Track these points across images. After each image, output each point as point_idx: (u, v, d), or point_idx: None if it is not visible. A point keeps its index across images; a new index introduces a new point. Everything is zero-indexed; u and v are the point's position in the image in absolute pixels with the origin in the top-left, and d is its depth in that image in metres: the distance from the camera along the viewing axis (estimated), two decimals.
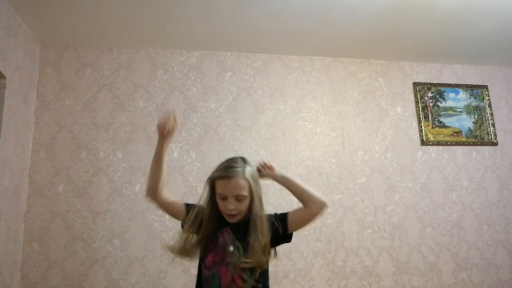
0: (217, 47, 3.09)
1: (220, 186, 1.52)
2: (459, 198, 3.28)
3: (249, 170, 1.56)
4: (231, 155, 2.88)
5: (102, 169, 2.81)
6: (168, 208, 1.66)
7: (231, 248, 1.52)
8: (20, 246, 2.61)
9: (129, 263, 2.71)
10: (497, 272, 3.21)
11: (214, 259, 1.53)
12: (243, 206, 1.53)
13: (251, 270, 1.50)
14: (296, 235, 1.65)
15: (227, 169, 1.53)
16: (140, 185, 2.82)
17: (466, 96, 3.50)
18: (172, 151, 2.91)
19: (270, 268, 1.60)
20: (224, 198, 1.52)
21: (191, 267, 2.73)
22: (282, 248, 2.82)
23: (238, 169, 1.53)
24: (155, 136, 2.85)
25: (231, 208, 1.51)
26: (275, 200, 2.90)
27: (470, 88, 3.52)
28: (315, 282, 2.89)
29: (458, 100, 3.48)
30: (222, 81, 3.12)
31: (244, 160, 1.61)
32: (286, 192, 1.63)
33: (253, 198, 1.54)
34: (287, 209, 1.64)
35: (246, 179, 1.52)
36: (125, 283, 2.68)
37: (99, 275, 2.66)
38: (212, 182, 1.56)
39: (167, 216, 2.75)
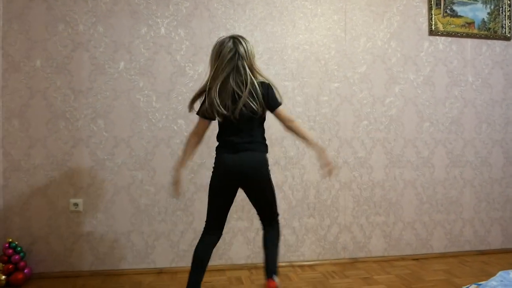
0: None
1: None
2: (461, 94, 3.13)
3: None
4: (223, 34, 2.72)
5: (82, 43, 2.58)
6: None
7: None
8: None
9: (114, 144, 2.61)
10: (490, 170, 3.18)
11: None
12: None
13: None
14: None
15: None
16: (125, 63, 2.62)
17: None
18: (159, 26, 2.66)
19: None
20: None
21: (179, 149, 2.65)
22: (274, 135, 2.76)
23: None
24: (139, 9, 2.65)
25: None
26: None
27: None
28: (306, 170, 2.84)
29: None
30: None
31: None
32: None
33: None
34: None
35: None
36: (111, 163, 2.61)
37: (84, 154, 2.58)
38: None
39: (154, 97, 2.65)
